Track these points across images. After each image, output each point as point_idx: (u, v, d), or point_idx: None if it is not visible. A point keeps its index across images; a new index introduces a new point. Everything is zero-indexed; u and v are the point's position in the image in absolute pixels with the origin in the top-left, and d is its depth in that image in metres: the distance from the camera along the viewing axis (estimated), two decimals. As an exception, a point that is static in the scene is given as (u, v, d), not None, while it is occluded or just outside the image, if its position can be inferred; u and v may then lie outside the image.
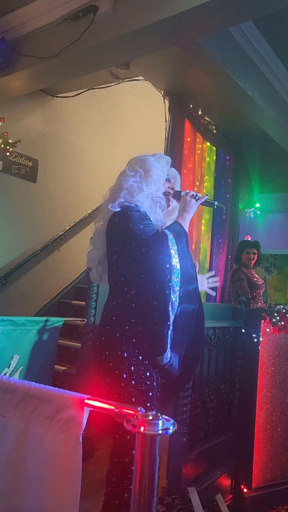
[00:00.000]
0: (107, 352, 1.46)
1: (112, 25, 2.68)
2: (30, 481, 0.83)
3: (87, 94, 4.36)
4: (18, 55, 3.21)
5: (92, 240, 1.69)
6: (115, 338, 1.46)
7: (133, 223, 1.47)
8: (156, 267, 1.42)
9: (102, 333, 1.51)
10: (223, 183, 4.74)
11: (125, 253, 1.50)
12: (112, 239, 1.55)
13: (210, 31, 2.64)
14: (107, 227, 1.58)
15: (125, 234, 1.49)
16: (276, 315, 2.73)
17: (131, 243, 1.47)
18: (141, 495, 0.69)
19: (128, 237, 1.47)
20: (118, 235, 1.52)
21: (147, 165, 1.62)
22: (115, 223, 1.53)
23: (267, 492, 2.56)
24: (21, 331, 2.41)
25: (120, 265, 1.52)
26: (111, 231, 1.56)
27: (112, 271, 1.56)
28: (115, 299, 1.53)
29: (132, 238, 1.46)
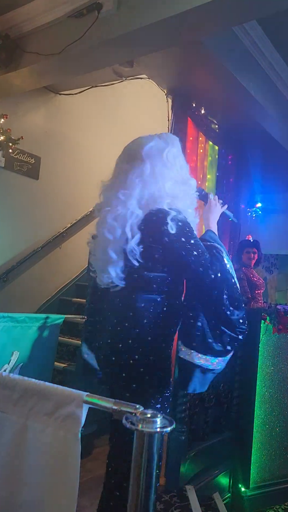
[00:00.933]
0: (137, 356, 1.36)
1: (116, 23, 2.68)
2: (28, 477, 0.83)
3: (90, 91, 4.36)
4: (21, 52, 3.21)
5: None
6: (147, 342, 1.38)
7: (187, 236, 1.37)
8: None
9: (129, 335, 1.39)
10: (225, 182, 4.74)
11: (168, 264, 1.39)
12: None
13: (214, 30, 2.64)
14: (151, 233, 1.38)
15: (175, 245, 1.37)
16: (276, 315, 2.73)
17: (182, 260, 1.37)
18: (140, 493, 0.70)
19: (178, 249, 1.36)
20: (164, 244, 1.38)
21: (177, 153, 1.49)
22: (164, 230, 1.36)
23: (265, 491, 2.57)
24: (21, 328, 2.42)
25: (155, 271, 1.40)
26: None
27: (141, 275, 1.40)
28: (143, 301, 1.40)
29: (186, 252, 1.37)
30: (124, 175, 1.44)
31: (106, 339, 1.45)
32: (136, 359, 1.36)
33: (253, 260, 3.98)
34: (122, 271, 1.39)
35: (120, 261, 1.39)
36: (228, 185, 4.78)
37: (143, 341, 1.38)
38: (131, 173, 1.42)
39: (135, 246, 1.36)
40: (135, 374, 1.36)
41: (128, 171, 1.43)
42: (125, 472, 1.41)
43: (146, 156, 1.44)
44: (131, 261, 1.36)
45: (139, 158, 1.44)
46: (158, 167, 1.43)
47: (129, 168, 1.45)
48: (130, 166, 1.45)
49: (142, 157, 1.44)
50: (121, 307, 1.43)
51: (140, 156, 1.44)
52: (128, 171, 1.43)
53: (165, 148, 1.47)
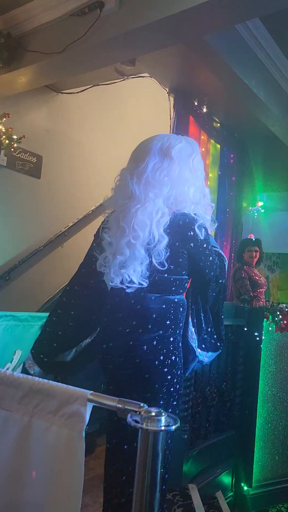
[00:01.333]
0: (161, 357, 1.38)
1: (118, 22, 2.67)
2: (33, 475, 0.83)
3: (92, 90, 4.35)
4: (23, 50, 3.21)
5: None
6: (170, 343, 1.41)
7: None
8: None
9: (153, 337, 1.39)
10: (227, 181, 4.73)
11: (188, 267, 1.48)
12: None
13: (216, 28, 2.63)
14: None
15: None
16: (279, 314, 2.73)
17: (199, 264, 1.47)
18: (144, 492, 0.70)
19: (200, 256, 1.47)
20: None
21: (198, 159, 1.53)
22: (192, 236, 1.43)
23: (267, 490, 2.57)
24: (23, 327, 2.42)
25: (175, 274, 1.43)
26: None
27: (162, 277, 1.42)
28: (163, 302, 1.42)
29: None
30: (152, 170, 1.40)
31: (121, 341, 1.41)
32: (161, 360, 1.38)
33: (255, 259, 3.97)
34: (147, 269, 1.38)
35: (146, 259, 1.38)
36: (230, 183, 4.78)
37: (166, 342, 1.40)
38: (160, 170, 1.40)
39: (162, 249, 1.36)
40: (158, 375, 1.37)
41: (157, 168, 1.40)
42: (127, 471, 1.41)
43: (176, 156, 1.43)
44: (154, 263, 1.37)
45: (169, 156, 1.42)
46: (184, 170, 1.44)
47: (157, 163, 1.41)
48: (158, 162, 1.42)
49: (172, 156, 1.42)
50: (138, 309, 1.40)
51: (169, 154, 1.42)
52: (157, 168, 1.40)
53: (192, 153, 1.49)
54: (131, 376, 1.40)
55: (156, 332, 1.39)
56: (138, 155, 1.48)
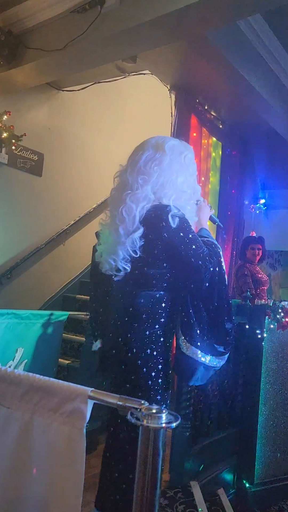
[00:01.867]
0: (135, 350, 1.42)
1: (119, 18, 2.66)
2: (33, 472, 0.83)
3: (93, 88, 4.34)
4: (24, 48, 3.21)
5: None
6: (144, 336, 1.43)
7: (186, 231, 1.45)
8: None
9: (128, 329, 1.45)
10: (229, 178, 4.71)
11: (169, 259, 1.45)
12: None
13: (218, 24, 2.62)
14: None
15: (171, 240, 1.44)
16: (281, 312, 2.72)
17: (181, 253, 1.43)
18: (144, 489, 0.70)
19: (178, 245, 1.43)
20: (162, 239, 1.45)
21: (189, 156, 1.57)
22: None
23: (269, 487, 2.56)
24: (25, 325, 2.43)
25: (157, 267, 1.45)
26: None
27: (143, 271, 1.47)
28: (142, 297, 1.45)
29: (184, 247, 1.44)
30: (144, 162, 1.51)
31: (108, 332, 1.53)
32: (134, 352, 1.42)
33: (257, 257, 3.96)
34: (129, 255, 1.45)
35: (127, 243, 1.45)
36: (232, 181, 4.76)
37: (140, 335, 1.43)
38: (152, 161, 1.50)
39: (137, 238, 1.42)
40: (133, 367, 1.42)
41: (149, 159, 1.51)
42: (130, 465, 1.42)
43: (168, 150, 1.52)
44: (129, 250, 1.43)
45: (162, 149, 1.52)
46: (175, 163, 1.52)
47: (149, 155, 1.51)
48: (151, 154, 1.52)
49: (165, 149, 1.52)
50: (122, 302, 1.49)
51: (163, 147, 1.52)
52: (149, 159, 1.51)
53: (185, 151, 1.58)
54: (113, 366, 1.49)
55: (131, 325, 1.44)
56: (135, 150, 1.58)
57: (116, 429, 1.54)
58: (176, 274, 1.46)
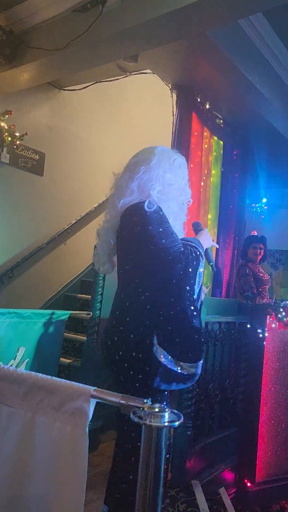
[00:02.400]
0: (121, 352, 1.42)
1: (121, 17, 2.66)
2: (36, 470, 0.84)
3: (94, 87, 4.34)
4: (25, 47, 3.20)
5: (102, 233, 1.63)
6: (130, 339, 1.41)
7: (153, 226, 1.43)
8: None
9: (114, 332, 1.45)
10: (230, 177, 4.71)
11: (143, 255, 1.44)
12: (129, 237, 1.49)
13: (219, 23, 2.61)
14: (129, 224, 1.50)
15: (143, 236, 1.43)
16: (282, 311, 2.72)
17: (150, 247, 1.40)
18: (147, 487, 0.70)
19: (148, 240, 1.41)
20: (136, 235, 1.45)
21: (176, 161, 1.61)
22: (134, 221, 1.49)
23: (270, 486, 2.57)
24: (27, 324, 2.43)
25: (135, 265, 1.47)
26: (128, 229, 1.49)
27: (125, 270, 1.51)
28: (128, 298, 1.46)
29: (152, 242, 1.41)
30: (134, 164, 1.59)
31: (111, 325, 1.56)
32: (120, 354, 1.43)
33: (259, 256, 3.96)
34: (108, 247, 1.58)
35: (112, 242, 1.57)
36: (233, 180, 4.76)
37: (125, 338, 1.42)
38: (140, 163, 1.56)
39: (114, 233, 1.54)
40: (122, 369, 1.43)
41: (138, 162, 1.57)
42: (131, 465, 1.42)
43: (157, 153, 1.59)
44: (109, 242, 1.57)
45: (152, 153, 1.59)
46: (164, 162, 1.57)
47: (139, 159, 1.59)
48: (141, 158, 1.59)
49: (154, 153, 1.58)
50: (114, 306, 1.54)
51: (152, 153, 1.59)
52: (138, 162, 1.57)
53: (174, 156, 1.62)
54: (106, 366, 1.53)
55: (117, 327, 1.46)
56: (129, 160, 1.65)
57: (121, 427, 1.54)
58: (146, 270, 1.42)
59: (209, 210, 4.44)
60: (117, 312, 1.49)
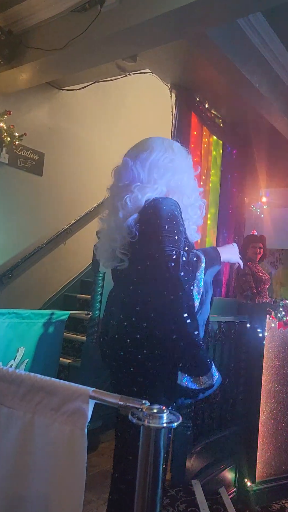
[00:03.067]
0: (145, 351, 1.34)
1: (119, 17, 2.66)
2: (35, 471, 0.84)
3: (93, 87, 4.34)
4: (24, 47, 3.20)
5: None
6: (153, 337, 1.35)
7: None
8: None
9: (136, 330, 1.36)
10: (230, 177, 4.71)
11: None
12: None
13: (218, 22, 2.61)
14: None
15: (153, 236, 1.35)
16: (282, 310, 2.72)
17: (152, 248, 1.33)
18: (146, 488, 0.70)
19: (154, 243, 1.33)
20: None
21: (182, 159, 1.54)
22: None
23: (270, 486, 2.57)
24: (26, 324, 2.42)
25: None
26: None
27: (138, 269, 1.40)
28: (149, 295, 1.37)
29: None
30: (156, 157, 1.46)
31: (111, 334, 1.44)
32: (144, 353, 1.34)
33: (259, 255, 3.96)
34: (126, 242, 1.39)
35: (124, 227, 1.39)
36: (233, 179, 4.76)
37: (149, 336, 1.36)
38: (164, 157, 1.47)
39: (132, 221, 1.37)
40: (143, 369, 1.35)
41: (160, 155, 1.47)
42: (131, 466, 1.41)
43: (177, 150, 1.53)
44: (127, 236, 1.37)
45: (171, 148, 1.51)
46: (184, 164, 1.53)
47: (160, 153, 1.48)
48: (161, 152, 1.49)
49: (174, 149, 1.52)
50: (126, 302, 1.41)
51: (172, 147, 1.52)
52: (160, 155, 1.47)
53: (188, 155, 1.59)
54: (118, 368, 1.41)
55: (139, 325, 1.35)
56: (140, 147, 1.54)
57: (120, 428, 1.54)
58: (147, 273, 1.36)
59: (209, 209, 4.44)
60: (137, 308, 1.37)
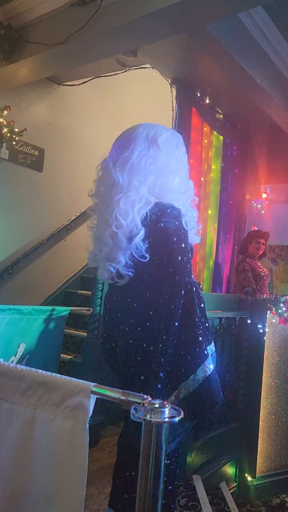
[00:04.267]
0: (147, 359, 1.32)
1: (119, 11, 2.64)
2: (37, 467, 0.84)
3: (93, 82, 4.32)
4: (24, 42, 3.18)
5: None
6: (169, 339, 1.32)
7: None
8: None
9: (150, 333, 1.33)
10: (230, 172, 4.70)
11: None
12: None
13: (219, 16, 2.59)
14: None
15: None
16: (282, 306, 2.72)
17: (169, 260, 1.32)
18: (147, 484, 0.70)
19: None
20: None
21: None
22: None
23: (271, 480, 2.58)
24: (27, 320, 2.42)
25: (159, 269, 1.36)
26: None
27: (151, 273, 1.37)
28: (158, 298, 1.35)
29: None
30: (137, 157, 1.38)
31: (123, 340, 1.38)
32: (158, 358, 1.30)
33: (260, 251, 3.95)
34: (130, 259, 1.34)
35: (129, 248, 1.33)
36: (233, 175, 4.74)
37: (166, 338, 1.33)
38: (146, 158, 1.38)
39: (140, 241, 1.32)
40: (153, 377, 1.31)
41: (142, 155, 1.38)
42: (133, 462, 1.42)
43: (162, 145, 1.41)
44: (136, 257, 1.32)
45: (155, 143, 1.40)
46: (171, 160, 1.42)
47: (143, 151, 1.39)
48: (144, 150, 1.39)
49: (159, 144, 1.40)
50: (137, 307, 1.36)
51: (156, 142, 1.40)
52: (142, 155, 1.38)
53: (178, 144, 1.47)
54: (135, 374, 1.35)
55: (156, 326, 1.33)
56: (122, 142, 1.46)
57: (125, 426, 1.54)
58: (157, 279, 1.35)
59: (209, 205, 4.43)
60: (150, 312, 1.34)
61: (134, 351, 1.33)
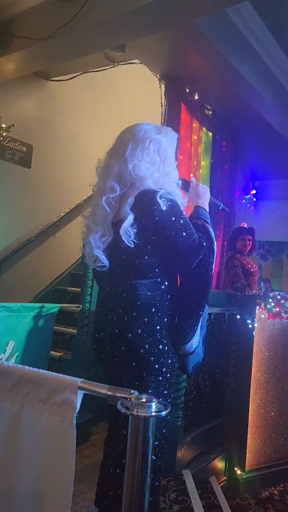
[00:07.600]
0: (147, 346, 1.35)
1: (107, 6, 2.61)
2: (24, 463, 0.83)
3: (82, 77, 4.28)
4: (10, 36, 3.14)
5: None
6: (156, 331, 1.37)
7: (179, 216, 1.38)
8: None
9: (138, 325, 1.35)
10: (219, 169, 4.71)
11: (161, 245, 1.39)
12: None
13: (207, 11, 2.59)
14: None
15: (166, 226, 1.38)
16: (271, 301, 2.74)
17: (171, 240, 1.37)
18: (134, 478, 0.70)
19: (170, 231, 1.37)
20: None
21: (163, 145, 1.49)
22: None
23: (260, 474, 2.61)
24: (16, 317, 2.41)
25: (154, 255, 1.39)
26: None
27: (143, 260, 1.40)
28: (148, 289, 1.38)
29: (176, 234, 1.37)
30: (130, 151, 1.45)
31: (109, 330, 1.41)
32: (146, 348, 1.34)
33: (248, 247, 3.97)
34: (117, 249, 1.39)
35: (111, 235, 1.41)
36: (223, 172, 4.76)
37: (152, 330, 1.36)
38: (138, 150, 1.45)
39: (128, 227, 1.34)
40: (145, 364, 1.34)
41: (134, 148, 1.46)
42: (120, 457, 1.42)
43: (152, 148, 1.47)
44: (125, 242, 1.34)
45: (145, 149, 1.46)
46: (153, 154, 1.47)
47: (134, 146, 1.46)
48: (135, 146, 1.47)
49: (150, 150, 1.46)
50: (126, 297, 1.39)
51: (147, 148, 1.46)
52: (134, 148, 1.46)
53: (164, 143, 1.51)
54: (120, 364, 1.38)
55: (141, 319, 1.36)
56: (121, 143, 1.51)
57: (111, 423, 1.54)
58: (167, 263, 1.41)
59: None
60: (138, 303, 1.37)
61: (120, 341, 1.36)
